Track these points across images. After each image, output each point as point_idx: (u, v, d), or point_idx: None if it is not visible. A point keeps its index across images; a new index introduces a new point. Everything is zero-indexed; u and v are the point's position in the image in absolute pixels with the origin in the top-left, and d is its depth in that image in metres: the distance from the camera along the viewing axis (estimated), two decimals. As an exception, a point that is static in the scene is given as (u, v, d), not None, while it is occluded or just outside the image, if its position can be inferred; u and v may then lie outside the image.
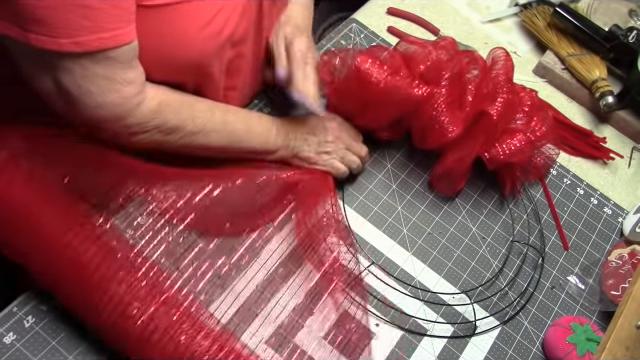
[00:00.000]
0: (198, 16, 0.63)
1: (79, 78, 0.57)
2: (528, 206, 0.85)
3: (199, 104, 0.69)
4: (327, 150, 0.77)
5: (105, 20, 0.54)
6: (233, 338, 0.63)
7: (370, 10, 1.02)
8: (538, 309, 0.77)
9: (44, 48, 0.53)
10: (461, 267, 0.78)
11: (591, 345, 0.70)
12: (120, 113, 0.61)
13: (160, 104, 0.64)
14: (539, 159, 0.84)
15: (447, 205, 0.83)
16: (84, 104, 0.58)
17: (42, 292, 0.65)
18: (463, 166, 0.78)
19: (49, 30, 0.52)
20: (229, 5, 0.66)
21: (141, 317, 0.58)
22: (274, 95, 0.84)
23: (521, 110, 0.80)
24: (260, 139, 0.75)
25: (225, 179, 0.70)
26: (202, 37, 0.64)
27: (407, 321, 0.72)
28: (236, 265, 0.70)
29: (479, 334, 0.73)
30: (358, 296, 0.71)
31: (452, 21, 1.05)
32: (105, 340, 0.61)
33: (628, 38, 0.95)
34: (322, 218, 0.74)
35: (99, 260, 0.60)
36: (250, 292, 0.69)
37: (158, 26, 0.61)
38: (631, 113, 0.97)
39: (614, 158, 0.94)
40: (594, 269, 0.81)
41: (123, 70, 0.59)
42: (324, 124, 0.78)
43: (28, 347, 0.62)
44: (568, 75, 0.99)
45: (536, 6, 1.05)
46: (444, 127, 0.74)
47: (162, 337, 0.58)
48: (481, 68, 0.78)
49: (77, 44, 0.54)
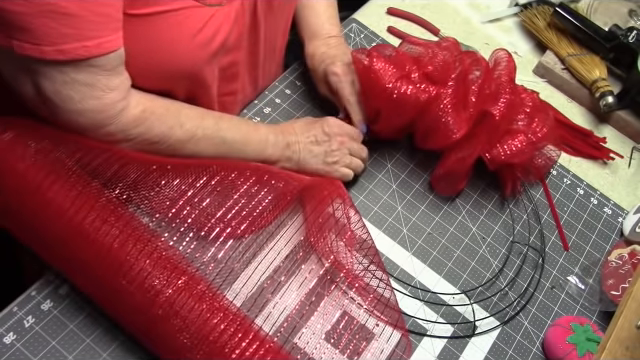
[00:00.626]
0: (188, 25, 0.62)
1: (59, 84, 0.56)
2: (528, 206, 0.85)
3: (188, 110, 0.68)
4: (334, 160, 0.76)
5: (88, 28, 0.53)
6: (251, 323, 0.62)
7: (370, 10, 1.02)
8: (538, 309, 0.77)
9: (27, 55, 0.53)
10: (461, 267, 0.78)
11: (591, 345, 0.70)
12: (101, 120, 0.59)
13: (144, 111, 0.63)
14: (540, 160, 0.84)
15: (447, 205, 0.83)
16: (64, 110, 0.58)
17: (42, 292, 0.65)
18: (464, 166, 0.78)
19: (32, 37, 0.52)
20: (221, 12, 0.64)
21: (167, 291, 0.56)
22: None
23: (522, 111, 0.80)
24: (257, 147, 0.72)
25: (233, 170, 0.68)
26: (193, 46, 0.63)
27: (407, 321, 0.72)
28: (236, 265, 0.70)
29: (479, 334, 0.73)
30: (358, 296, 0.71)
31: (452, 21, 1.05)
32: (123, 316, 0.60)
33: (628, 38, 0.95)
34: (331, 219, 0.73)
35: (118, 232, 0.58)
36: (250, 292, 0.69)
37: (147, 35, 0.60)
38: (631, 113, 0.97)
39: (614, 158, 0.94)
40: (594, 269, 0.81)
41: (106, 77, 0.58)
42: (324, 129, 0.76)
43: (28, 347, 0.62)
44: (568, 75, 0.99)
45: (536, 6, 1.05)
46: (449, 128, 0.74)
47: (190, 313, 0.56)
48: (483, 69, 0.78)
49: (60, 52, 0.53)
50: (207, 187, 0.66)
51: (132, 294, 0.57)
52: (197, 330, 0.56)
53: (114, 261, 0.57)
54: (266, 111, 0.85)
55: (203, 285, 0.59)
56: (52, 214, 0.59)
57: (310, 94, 0.88)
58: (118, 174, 0.63)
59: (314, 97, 0.88)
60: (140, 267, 0.56)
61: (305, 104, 0.87)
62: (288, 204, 0.73)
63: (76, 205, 0.58)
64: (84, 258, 0.58)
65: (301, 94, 0.88)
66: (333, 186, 0.75)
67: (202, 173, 0.66)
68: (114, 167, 0.63)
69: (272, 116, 0.85)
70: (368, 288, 0.72)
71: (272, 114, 0.85)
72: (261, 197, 0.69)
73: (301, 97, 0.88)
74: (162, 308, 0.56)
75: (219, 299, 0.59)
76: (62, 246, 0.59)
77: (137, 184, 0.64)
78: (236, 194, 0.67)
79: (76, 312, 0.64)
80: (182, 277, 0.58)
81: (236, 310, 0.60)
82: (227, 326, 0.57)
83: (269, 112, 0.85)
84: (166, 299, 0.56)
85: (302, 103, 0.87)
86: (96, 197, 0.60)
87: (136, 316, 0.58)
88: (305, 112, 0.86)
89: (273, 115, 0.85)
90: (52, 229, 0.59)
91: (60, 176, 0.60)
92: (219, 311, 0.58)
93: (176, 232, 0.64)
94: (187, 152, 0.68)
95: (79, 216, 0.58)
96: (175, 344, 0.57)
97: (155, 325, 0.57)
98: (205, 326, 0.56)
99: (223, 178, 0.67)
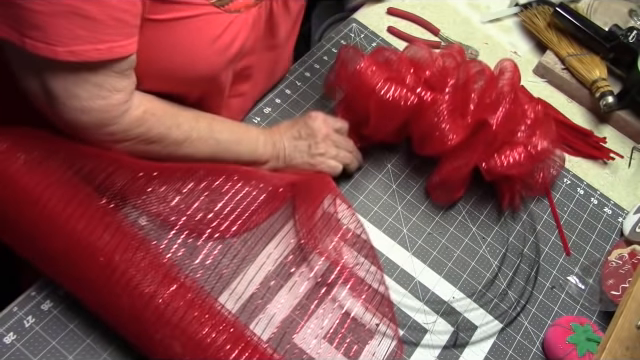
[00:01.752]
0: (207, 31, 0.62)
1: (70, 83, 0.56)
2: (528, 206, 0.85)
3: (184, 112, 0.69)
4: (320, 152, 0.76)
5: (103, 32, 0.54)
6: (245, 329, 0.62)
7: (370, 10, 1.02)
8: (538, 309, 0.77)
9: (39, 54, 0.53)
10: (461, 267, 0.78)
11: (591, 345, 0.70)
12: (104, 120, 0.60)
13: (145, 112, 0.63)
14: (541, 174, 0.82)
15: (447, 205, 0.83)
16: (69, 107, 0.58)
17: (42, 292, 0.65)
18: (460, 175, 0.77)
19: (46, 37, 0.52)
20: (239, 19, 0.65)
21: (160, 297, 0.57)
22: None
23: (524, 123, 0.79)
24: (249, 147, 0.73)
25: (221, 174, 0.69)
26: (211, 52, 0.63)
27: (407, 321, 0.72)
28: (236, 265, 0.70)
29: (479, 334, 0.73)
30: (358, 296, 0.71)
31: (452, 21, 1.05)
32: (116, 322, 0.60)
33: (628, 38, 0.95)
34: (324, 217, 0.73)
35: (109, 237, 0.58)
36: (251, 292, 0.69)
37: (167, 40, 0.61)
38: (631, 113, 0.97)
39: (614, 158, 0.94)
40: (594, 269, 0.81)
41: (115, 79, 0.58)
42: (308, 124, 0.76)
43: (28, 347, 0.62)
44: (568, 75, 0.99)
45: (536, 6, 1.05)
46: (444, 134, 0.74)
47: (180, 321, 0.56)
48: (487, 78, 0.77)
49: (72, 53, 0.53)
50: (194, 192, 0.68)
51: (123, 300, 0.57)
52: (188, 338, 0.57)
53: (106, 268, 0.57)
54: (266, 111, 0.85)
55: (192, 293, 0.59)
56: (44, 222, 0.59)
57: (310, 94, 0.88)
58: (105, 183, 0.64)
59: (314, 97, 0.88)
60: (131, 274, 0.57)
61: (305, 104, 0.87)
62: (278, 206, 0.74)
63: (67, 212, 0.59)
64: (75, 264, 0.59)
65: (301, 94, 0.88)
66: (323, 183, 0.75)
67: (189, 179, 0.68)
68: (101, 176, 0.64)
69: (272, 116, 0.85)
70: (362, 285, 0.71)
71: (272, 114, 0.85)
72: (249, 201, 0.70)
73: (301, 97, 0.88)
74: (154, 315, 0.57)
75: (209, 306, 0.59)
76: (55, 254, 0.60)
77: (124, 192, 0.65)
78: (223, 199, 0.68)
79: (76, 312, 0.64)
80: (173, 284, 0.58)
81: (227, 316, 0.60)
82: (218, 334, 0.58)
83: (269, 112, 0.85)
84: (156, 307, 0.57)
85: (302, 103, 0.87)
86: (87, 204, 0.61)
87: (129, 323, 0.59)
88: (305, 112, 0.86)
89: (273, 115, 0.85)
90: (44, 237, 0.60)
91: (51, 183, 0.61)
92: (211, 318, 0.58)
93: (164, 239, 0.65)
94: (183, 152, 0.68)
95: (70, 223, 0.59)
96: (167, 353, 0.57)
97: (146, 332, 0.58)
98: (197, 334, 0.57)
99: (210, 183, 0.68)
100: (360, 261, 0.73)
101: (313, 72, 0.91)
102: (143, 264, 0.58)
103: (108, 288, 0.58)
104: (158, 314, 0.56)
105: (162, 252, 0.61)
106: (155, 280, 0.57)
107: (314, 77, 0.90)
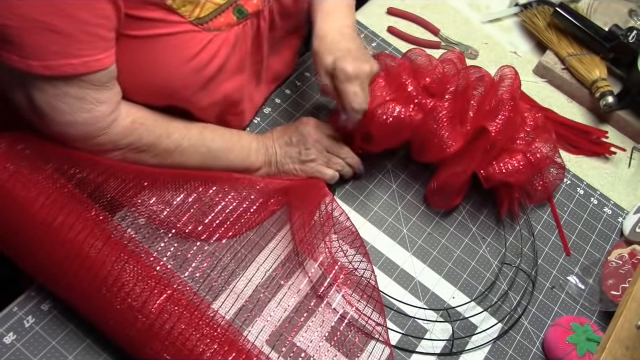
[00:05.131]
0: (182, 50, 0.62)
1: (50, 97, 0.56)
2: (529, 206, 0.85)
3: (175, 121, 0.68)
4: (311, 158, 0.75)
5: (75, 46, 0.54)
6: (239, 335, 0.62)
7: (370, 10, 1.02)
8: (538, 309, 0.77)
9: (16, 67, 0.53)
10: (461, 267, 0.78)
11: (591, 345, 0.70)
12: (91, 132, 0.60)
13: (134, 122, 0.63)
14: (541, 182, 0.82)
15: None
16: (55, 121, 0.58)
17: (42, 292, 0.65)
18: (459, 182, 0.77)
19: (19, 50, 0.52)
20: (219, 37, 0.64)
21: (153, 306, 0.57)
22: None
23: (523, 130, 0.78)
24: (241, 155, 0.73)
25: (212, 185, 0.69)
26: (187, 70, 0.63)
27: (407, 321, 0.72)
28: (236, 266, 0.70)
29: (479, 334, 0.73)
30: (358, 296, 0.71)
31: (452, 21, 1.05)
32: (108, 330, 0.60)
33: (628, 38, 0.95)
34: (319, 219, 0.73)
35: (101, 245, 0.58)
36: (250, 292, 0.69)
37: (143, 56, 0.60)
38: (631, 113, 0.97)
39: (615, 152, 0.94)
40: (594, 269, 0.81)
41: (96, 92, 0.58)
42: (299, 130, 0.75)
43: (28, 347, 0.62)
44: (568, 75, 0.99)
45: (536, 6, 1.05)
46: (443, 141, 0.73)
47: (170, 333, 0.56)
48: (487, 85, 0.77)
49: (46, 67, 0.53)
50: (185, 204, 0.68)
51: (113, 311, 0.57)
52: (178, 350, 0.56)
53: (97, 276, 0.57)
54: (266, 111, 0.85)
55: (185, 301, 0.59)
56: (35, 228, 0.59)
57: (310, 95, 0.88)
58: (94, 194, 0.64)
59: (314, 98, 0.88)
60: (122, 283, 0.57)
61: (305, 104, 0.87)
62: (267, 217, 0.74)
63: (59, 220, 0.59)
64: (65, 274, 0.59)
65: (301, 94, 0.88)
66: (316, 188, 0.75)
67: (179, 190, 0.68)
68: (91, 186, 0.64)
69: (272, 116, 0.85)
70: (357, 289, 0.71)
71: (272, 114, 0.85)
72: (239, 213, 0.70)
73: (301, 97, 0.88)
74: (145, 325, 0.57)
75: (199, 316, 0.59)
76: (45, 259, 0.60)
77: (113, 204, 0.65)
78: (213, 212, 0.69)
79: (76, 312, 0.64)
80: (164, 294, 0.58)
81: (218, 327, 0.60)
82: (209, 344, 0.57)
83: (269, 112, 0.85)
84: (147, 317, 0.57)
85: (302, 103, 0.87)
86: (79, 211, 0.61)
87: (120, 334, 0.59)
88: (305, 112, 0.86)
89: (273, 115, 0.85)
90: (36, 243, 0.59)
91: (44, 190, 0.61)
92: (201, 329, 0.58)
93: (154, 251, 0.65)
94: (174, 161, 0.68)
95: (63, 231, 0.59)
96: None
97: (136, 344, 0.58)
98: (186, 345, 0.57)
99: (200, 195, 0.69)
100: (354, 266, 0.72)
101: (313, 72, 0.91)
102: (133, 275, 0.58)
103: (98, 299, 0.58)
104: (147, 325, 0.57)
105: (152, 264, 0.61)
106: (144, 292, 0.57)
107: (314, 77, 0.90)
